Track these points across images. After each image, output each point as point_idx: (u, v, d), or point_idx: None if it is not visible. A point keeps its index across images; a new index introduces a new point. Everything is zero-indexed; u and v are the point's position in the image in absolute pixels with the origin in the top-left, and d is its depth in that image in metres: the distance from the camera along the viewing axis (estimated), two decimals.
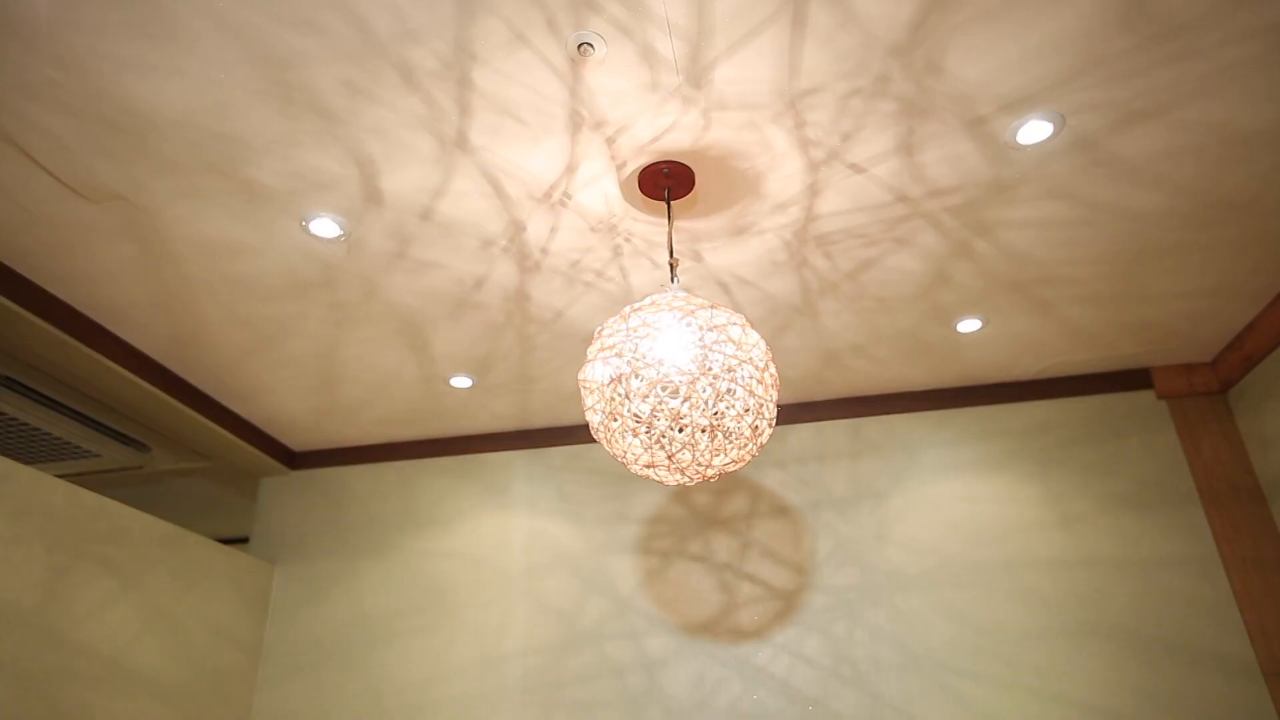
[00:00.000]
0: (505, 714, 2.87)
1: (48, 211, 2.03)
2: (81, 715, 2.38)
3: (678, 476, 1.54)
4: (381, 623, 3.10)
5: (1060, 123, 1.84)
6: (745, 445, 1.54)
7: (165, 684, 2.69)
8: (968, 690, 2.64)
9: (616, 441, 1.58)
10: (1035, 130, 1.86)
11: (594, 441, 3.26)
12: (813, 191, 2.06)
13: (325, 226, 2.12)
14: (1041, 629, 2.68)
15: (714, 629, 2.87)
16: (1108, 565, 2.73)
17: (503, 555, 3.13)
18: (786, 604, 2.86)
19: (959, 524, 2.88)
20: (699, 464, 1.51)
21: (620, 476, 3.18)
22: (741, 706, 2.74)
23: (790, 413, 3.14)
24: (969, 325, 2.67)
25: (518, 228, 2.16)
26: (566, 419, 3.26)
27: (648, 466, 1.53)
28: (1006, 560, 2.80)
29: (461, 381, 2.94)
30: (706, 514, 3.05)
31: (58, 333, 2.37)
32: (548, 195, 2.04)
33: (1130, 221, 2.20)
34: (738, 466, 1.58)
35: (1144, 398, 2.97)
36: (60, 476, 2.79)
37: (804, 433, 3.13)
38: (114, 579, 2.56)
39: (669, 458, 1.49)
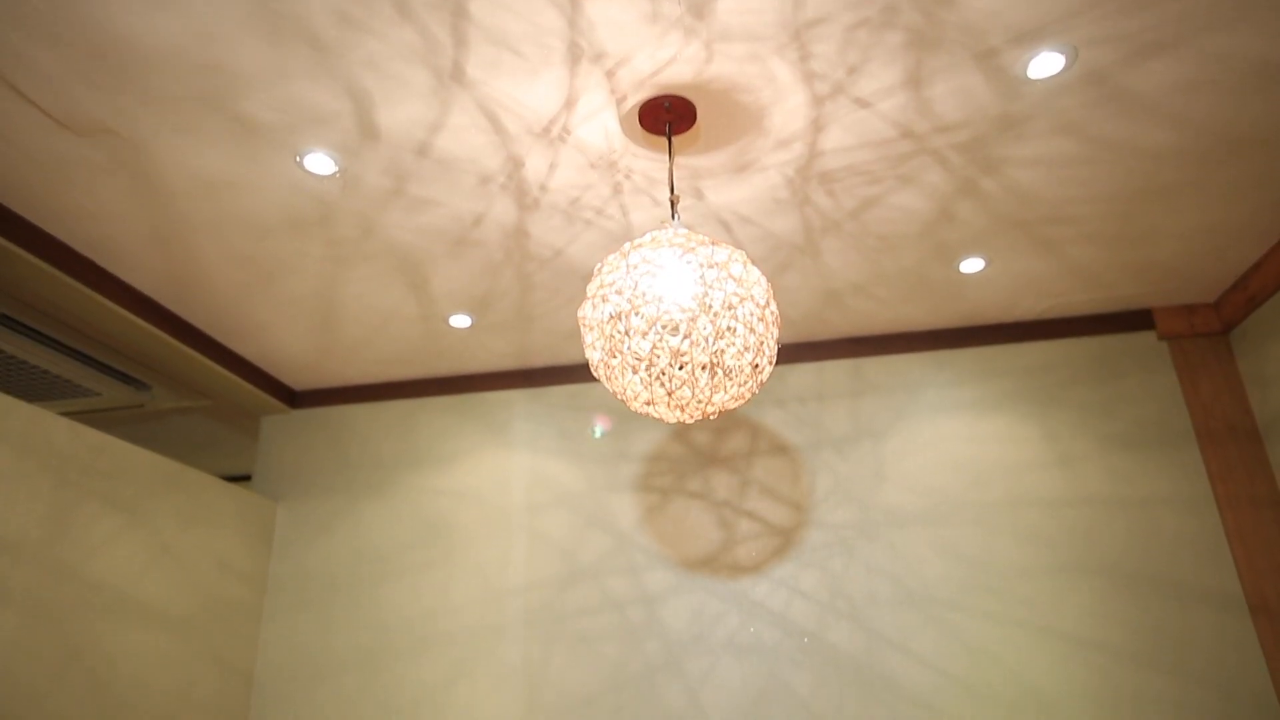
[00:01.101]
0: (508, 646, 2.94)
1: (34, 145, 2.00)
2: (93, 645, 2.43)
3: (677, 413, 1.55)
4: (384, 558, 3.16)
5: (1073, 55, 1.80)
6: (745, 383, 1.54)
7: (174, 615, 2.74)
8: (960, 623, 2.70)
9: (616, 379, 1.58)
10: (1047, 63, 1.81)
11: (594, 380, 3.27)
12: (816, 127, 2.02)
13: (320, 162, 2.08)
14: (1035, 565, 2.73)
15: (712, 564, 2.92)
16: (1103, 504, 2.77)
17: (503, 493, 3.17)
18: (784, 540, 2.91)
19: (957, 463, 2.91)
20: (699, 401, 1.51)
21: (621, 415, 3.20)
22: (739, 639, 2.80)
23: (791, 352, 3.14)
24: (972, 265, 2.65)
25: (516, 164, 2.12)
26: (566, 358, 3.26)
27: (647, 404, 1.53)
28: (1003, 499, 2.83)
29: (461, 320, 2.93)
30: (706, 452, 3.07)
31: (51, 269, 2.35)
32: (546, 130, 2.00)
33: (1139, 159, 2.16)
34: (737, 404, 1.58)
35: (1145, 339, 2.96)
36: (61, 415, 2.81)
37: (804, 372, 3.13)
38: (119, 514, 2.59)
39: (668, 395, 1.49)
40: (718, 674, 2.77)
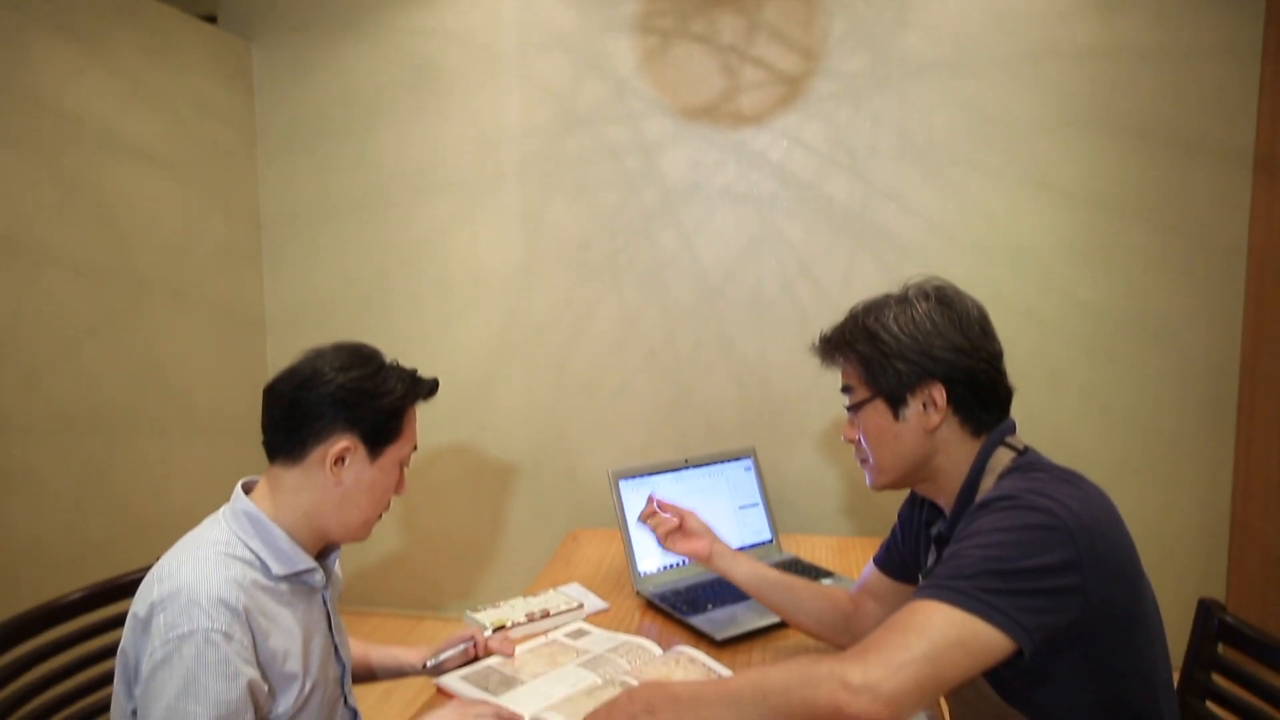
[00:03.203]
0: (506, 192, 2.96)
1: None
2: (89, 179, 2.43)
3: None
4: (373, 102, 3.03)
5: None
6: None
7: (166, 158, 2.71)
8: (959, 178, 2.68)
9: None
10: None
11: None
12: None
13: None
14: (1047, 119, 2.61)
15: (713, 113, 2.80)
16: (1138, 54, 2.55)
17: (493, 34, 2.92)
18: (790, 89, 2.75)
19: (988, 7, 2.63)
20: None
21: None
22: (736, 188, 2.81)
23: None
24: None
25: None
26: None
27: None
28: (1030, 49, 2.61)
29: None
30: None
31: None
32: None
33: None
34: None
35: None
36: None
37: None
38: (77, 43, 2.40)
39: None
40: (712, 221, 2.83)
